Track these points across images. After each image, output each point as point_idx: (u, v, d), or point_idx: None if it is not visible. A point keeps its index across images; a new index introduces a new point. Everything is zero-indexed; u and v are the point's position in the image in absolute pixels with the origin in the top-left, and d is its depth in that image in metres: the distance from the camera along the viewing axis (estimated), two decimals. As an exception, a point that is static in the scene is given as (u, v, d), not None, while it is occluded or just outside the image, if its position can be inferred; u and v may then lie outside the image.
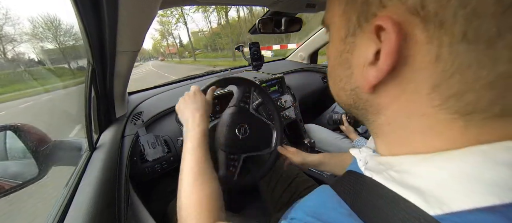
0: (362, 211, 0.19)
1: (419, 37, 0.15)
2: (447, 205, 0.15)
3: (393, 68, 0.16)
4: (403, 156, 0.19)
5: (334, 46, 0.22)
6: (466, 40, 0.13)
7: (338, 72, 0.22)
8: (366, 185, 0.21)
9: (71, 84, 6.97)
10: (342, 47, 0.20)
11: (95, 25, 0.40)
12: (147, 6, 0.36)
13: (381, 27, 0.16)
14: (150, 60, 62.51)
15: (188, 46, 43.36)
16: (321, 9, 0.81)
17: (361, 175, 0.23)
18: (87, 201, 0.42)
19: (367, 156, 0.24)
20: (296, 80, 1.30)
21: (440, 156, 0.17)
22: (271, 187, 0.72)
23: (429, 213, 0.15)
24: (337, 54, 0.21)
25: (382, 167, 0.21)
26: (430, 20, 0.14)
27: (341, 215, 0.20)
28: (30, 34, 5.94)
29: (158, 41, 54.02)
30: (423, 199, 0.16)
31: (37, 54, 14.42)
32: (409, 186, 0.17)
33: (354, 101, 0.22)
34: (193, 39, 34.54)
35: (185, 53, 39.60)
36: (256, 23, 0.86)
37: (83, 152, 0.59)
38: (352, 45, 0.19)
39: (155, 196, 0.86)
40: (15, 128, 0.47)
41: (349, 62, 0.20)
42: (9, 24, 27.45)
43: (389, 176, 0.19)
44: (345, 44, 0.20)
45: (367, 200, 0.20)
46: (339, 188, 0.24)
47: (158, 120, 0.82)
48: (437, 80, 0.15)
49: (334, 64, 0.22)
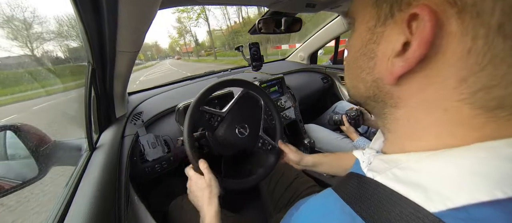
0: (365, 213, 0.20)
1: (454, 28, 0.15)
2: (451, 200, 0.15)
3: (421, 60, 0.16)
4: (411, 153, 0.19)
5: (358, 37, 0.22)
6: (502, 33, 0.13)
7: (360, 62, 0.22)
8: (369, 187, 0.21)
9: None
10: (368, 37, 0.20)
11: (95, 25, 0.40)
12: (147, 6, 0.36)
13: (415, 16, 0.16)
14: (166, 58, 62.85)
15: (204, 44, 43.07)
16: (321, 9, 0.81)
17: (363, 176, 0.23)
18: (87, 201, 0.42)
19: (371, 156, 0.25)
20: (296, 80, 1.30)
21: (447, 152, 0.17)
22: (271, 187, 0.72)
23: (431, 209, 0.15)
24: (362, 45, 0.21)
25: (386, 165, 0.21)
26: (467, 11, 0.14)
27: (345, 220, 0.21)
28: (56, 32, 5.96)
29: (175, 40, 53.91)
30: (426, 196, 0.16)
31: (64, 52, 14.28)
32: (412, 183, 0.17)
33: (373, 93, 0.21)
34: (209, 37, 34.02)
35: (201, 52, 39.30)
36: (256, 23, 0.86)
37: (83, 152, 0.59)
38: (380, 35, 0.19)
39: (155, 196, 0.86)
40: (15, 128, 0.47)
41: (374, 52, 0.20)
42: (36, 22, 27.54)
43: (392, 175, 0.19)
44: (373, 34, 0.20)
45: (370, 203, 0.20)
46: (342, 192, 0.24)
47: (158, 120, 0.82)
48: (467, 73, 0.15)
49: (356, 55, 0.22)
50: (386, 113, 0.22)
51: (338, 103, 1.32)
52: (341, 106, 1.28)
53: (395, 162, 0.20)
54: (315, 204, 0.27)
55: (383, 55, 0.19)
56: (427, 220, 0.15)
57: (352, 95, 0.26)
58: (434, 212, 0.15)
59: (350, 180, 0.25)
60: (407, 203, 0.17)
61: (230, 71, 1.30)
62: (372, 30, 0.20)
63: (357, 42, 0.22)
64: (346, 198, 0.23)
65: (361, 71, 0.22)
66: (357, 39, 0.22)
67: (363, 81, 0.22)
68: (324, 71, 1.49)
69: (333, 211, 0.23)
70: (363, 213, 0.20)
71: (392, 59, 0.18)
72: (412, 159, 0.19)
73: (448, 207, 0.15)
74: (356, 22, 0.22)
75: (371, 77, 0.21)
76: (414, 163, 0.18)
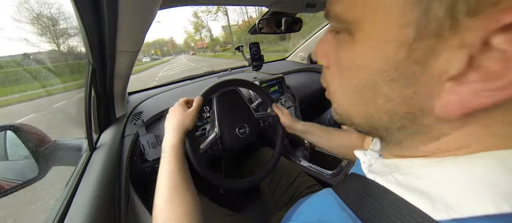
0: (365, 216, 0.19)
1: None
2: (455, 211, 0.14)
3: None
4: (412, 158, 0.18)
5: (376, 55, 0.15)
6: None
7: (387, 89, 0.16)
8: (369, 189, 0.21)
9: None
10: (402, 55, 0.14)
11: (95, 25, 0.40)
12: (147, 6, 0.36)
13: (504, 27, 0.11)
14: (181, 54, 62.76)
15: (218, 40, 42.66)
16: (321, 9, 0.81)
17: (364, 177, 0.23)
18: (87, 201, 0.42)
19: (372, 158, 0.24)
20: (296, 80, 1.30)
21: (452, 160, 0.16)
22: (272, 187, 0.72)
23: (435, 218, 0.14)
24: (389, 66, 0.15)
25: (387, 169, 0.20)
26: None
27: (343, 220, 0.20)
28: (77, 27, 5.95)
29: (190, 35, 53.75)
30: (429, 203, 0.15)
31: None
32: (415, 189, 0.16)
33: (402, 125, 0.17)
34: (224, 33, 33.39)
35: (217, 47, 39.09)
36: (256, 23, 0.86)
37: (83, 152, 0.59)
38: (428, 52, 0.13)
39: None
40: (15, 128, 0.47)
41: (415, 76, 0.14)
42: (61, 18, 27.63)
43: (393, 179, 0.19)
44: (412, 51, 0.14)
45: (370, 204, 0.19)
46: (341, 192, 0.24)
47: (158, 120, 0.82)
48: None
49: (375, 79, 0.16)
50: (401, 141, 0.18)
51: (338, 103, 1.32)
52: (341, 106, 1.28)
53: (396, 167, 0.19)
54: (315, 201, 0.27)
55: (431, 80, 0.14)
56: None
57: (357, 124, 0.20)
58: (439, 221, 0.14)
59: (351, 181, 0.24)
60: (411, 208, 0.16)
61: (230, 71, 1.29)
62: (410, 46, 0.14)
63: (375, 61, 0.15)
64: (345, 199, 0.23)
65: (386, 100, 0.16)
66: (372, 57, 0.16)
67: (389, 113, 0.17)
68: (324, 71, 1.49)
69: (332, 208, 0.23)
70: (362, 215, 0.19)
71: (471, 85, 0.13)
72: (413, 165, 0.18)
73: (451, 217, 0.14)
74: (362, 31, 0.16)
75: (406, 109, 0.16)
76: (416, 169, 0.17)
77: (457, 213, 0.14)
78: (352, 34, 0.17)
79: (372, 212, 0.19)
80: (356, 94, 0.18)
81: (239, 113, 0.63)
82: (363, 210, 0.20)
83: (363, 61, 0.16)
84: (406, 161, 0.19)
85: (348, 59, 0.18)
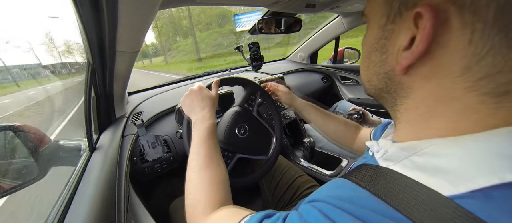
0: (379, 192, 0.20)
1: (454, 23, 0.16)
2: (473, 182, 0.15)
3: (426, 52, 0.18)
4: (429, 139, 0.20)
5: (372, 34, 0.24)
6: (497, 27, 0.15)
7: (374, 57, 0.24)
8: (383, 174, 0.21)
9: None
10: (380, 34, 0.22)
11: (95, 25, 0.40)
12: (147, 6, 0.36)
13: (420, 15, 0.18)
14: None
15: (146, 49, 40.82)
16: (321, 9, 0.81)
17: (377, 166, 0.23)
18: (87, 201, 0.42)
19: (387, 145, 0.25)
20: (296, 80, 1.30)
21: (468, 137, 0.17)
22: (272, 186, 0.72)
23: (453, 192, 0.16)
24: (375, 41, 0.23)
25: (404, 153, 0.21)
26: (465, 8, 0.16)
27: (361, 196, 0.20)
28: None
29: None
30: (446, 180, 0.16)
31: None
32: (431, 169, 0.18)
33: (386, 84, 0.24)
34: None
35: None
36: (256, 23, 0.86)
37: (82, 152, 0.59)
38: (390, 32, 0.21)
39: (155, 196, 0.86)
40: (14, 128, 0.47)
41: (385, 47, 0.22)
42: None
43: (410, 163, 0.20)
44: (384, 31, 0.22)
45: (384, 184, 0.20)
46: (353, 178, 0.24)
47: (158, 120, 0.82)
48: (469, 63, 0.17)
49: (370, 50, 0.25)
50: (398, 104, 0.24)
51: (338, 102, 1.32)
52: (341, 106, 1.28)
53: (414, 148, 0.20)
54: (325, 187, 0.26)
55: (393, 49, 0.21)
56: (444, 204, 0.15)
57: (367, 88, 0.27)
58: (456, 195, 0.15)
59: (361, 170, 0.25)
60: (424, 191, 0.17)
61: (230, 71, 1.30)
62: (383, 28, 0.22)
63: (371, 39, 0.24)
64: (356, 181, 0.23)
65: (374, 64, 0.24)
66: (371, 36, 0.24)
67: (376, 74, 0.24)
68: (324, 70, 1.49)
69: (344, 186, 0.24)
70: (376, 191, 0.20)
71: (401, 52, 0.20)
72: (432, 145, 0.19)
73: (470, 189, 0.15)
74: (370, 21, 0.25)
75: (383, 70, 0.23)
76: (434, 148, 0.19)
77: (475, 184, 0.15)
78: (368, 24, 0.26)
79: (385, 190, 0.19)
80: (364, 63, 0.27)
81: (256, 123, 0.64)
82: (376, 188, 0.20)
83: (367, 39, 0.25)
84: (424, 142, 0.20)
85: (365, 39, 0.26)
